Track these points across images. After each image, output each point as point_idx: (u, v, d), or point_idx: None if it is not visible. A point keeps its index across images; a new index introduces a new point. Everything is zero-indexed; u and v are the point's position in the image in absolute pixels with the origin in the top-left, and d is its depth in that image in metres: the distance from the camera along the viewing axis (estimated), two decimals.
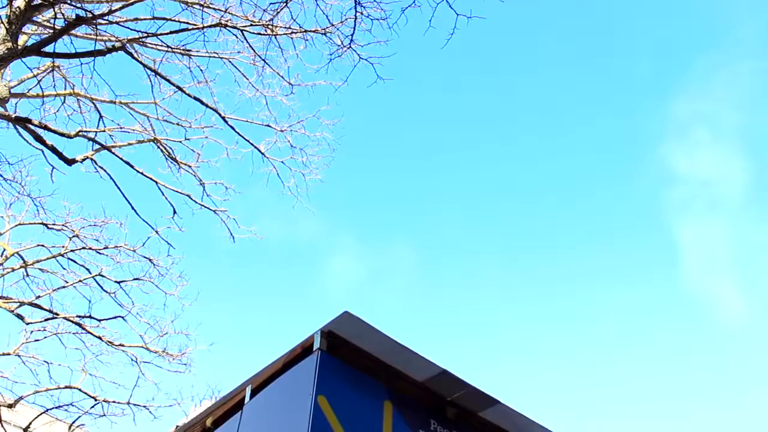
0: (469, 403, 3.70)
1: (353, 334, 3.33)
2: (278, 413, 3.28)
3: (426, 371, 3.49)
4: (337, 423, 3.04)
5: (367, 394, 3.30)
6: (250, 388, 3.67)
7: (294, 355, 3.42)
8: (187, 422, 4.29)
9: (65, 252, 11.51)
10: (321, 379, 3.10)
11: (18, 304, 11.03)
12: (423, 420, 3.48)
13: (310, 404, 3.00)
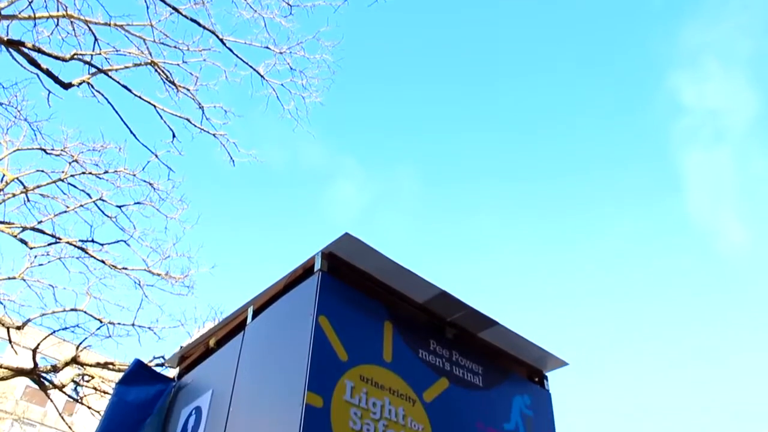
0: (468, 323, 3.76)
1: (354, 256, 3.36)
2: (280, 333, 3.34)
3: (426, 292, 3.54)
4: (338, 342, 3.09)
5: (368, 314, 3.34)
6: (251, 309, 3.72)
7: (295, 276, 3.45)
8: (191, 343, 4.37)
9: (65, 177, 11.51)
10: (322, 299, 3.13)
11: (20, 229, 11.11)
12: (423, 340, 3.54)
13: (311, 324, 3.05)
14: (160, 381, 4.21)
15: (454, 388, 3.52)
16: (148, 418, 3.93)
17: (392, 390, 3.20)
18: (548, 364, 4.21)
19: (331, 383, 2.96)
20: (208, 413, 3.60)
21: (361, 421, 2.98)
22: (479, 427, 3.52)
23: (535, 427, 3.89)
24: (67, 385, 11.70)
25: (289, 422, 2.83)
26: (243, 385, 3.42)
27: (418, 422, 3.22)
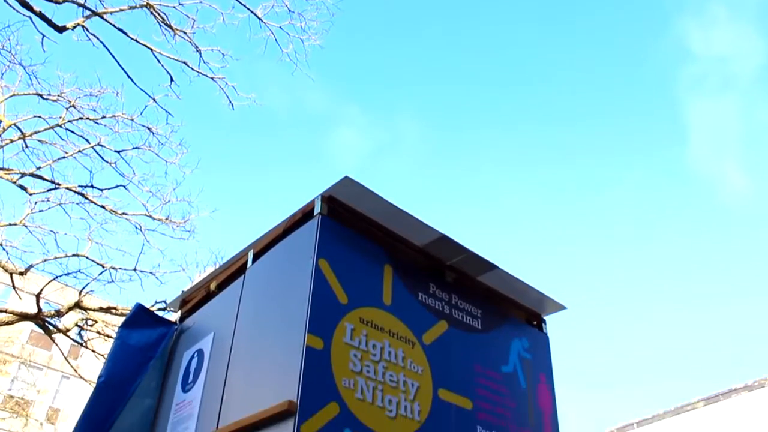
0: (467, 267, 3.78)
1: (354, 199, 3.35)
2: (280, 276, 3.36)
3: (425, 236, 3.54)
4: (338, 285, 3.11)
5: (368, 257, 3.35)
6: (251, 252, 3.73)
7: (295, 219, 3.45)
8: (192, 286, 4.40)
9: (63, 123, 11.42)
10: (322, 242, 3.14)
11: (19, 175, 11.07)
12: (422, 283, 3.56)
13: (311, 267, 3.06)
14: (162, 324, 4.26)
15: (453, 331, 3.56)
16: (151, 361, 3.99)
17: (392, 332, 3.23)
18: (546, 308, 4.25)
19: (331, 325, 2.99)
20: (210, 355, 3.65)
21: (361, 363, 3.02)
22: (478, 369, 3.57)
23: (533, 369, 3.95)
24: (71, 329, 11.85)
25: (289, 364, 2.87)
26: (244, 328, 3.46)
27: (417, 364, 3.26)
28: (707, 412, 17.76)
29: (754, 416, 16.71)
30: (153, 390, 4.02)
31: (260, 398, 2.93)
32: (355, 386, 2.93)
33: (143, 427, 3.91)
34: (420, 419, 3.11)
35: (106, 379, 3.87)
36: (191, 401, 3.60)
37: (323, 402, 2.79)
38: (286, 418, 2.72)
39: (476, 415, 3.39)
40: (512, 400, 3.67)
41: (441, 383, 3.31)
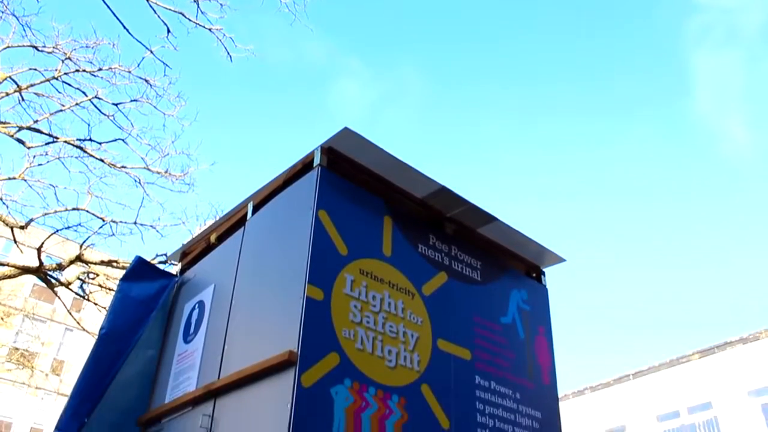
0: (467, 219, 3.77)
1: (353, 151, 3.33)
2: (280, 228, 3.35)
3: (425, 188, 3.53)
4: (338, 236, 3.10)
5: (367, 209, 3.34)
6: (251, 204, 3.72)
7: (294, 171, 3.43)
8: (192, 239, 4.40)
9: (59, 75, 11.29)
10: (321, 194, 3.13)
11: (17, 128, 11.00)
12: (422, 235, 3.56)
13: (310, 218, 3.06)
14: (163, 277, 4.28)
15: (452, 282, 3.57)
16: (152, 313, 4.01)
17: (392, 283, 3.25)
18: (546, 260, 4.26)
19: (331, 276, 3.00)
20: (211, 307, 3.67)
21: (361, 314, 3.04)
22: (477, 320, 3.59)
23: (532, 321, 3.98)
24: (72, 282, 11.92)
25: (290, 315, 2.88)
26: (244, 279, 3.47)
27: (417, 315, 3.28)
28: (702, 364, 18.00)
29: (749, 368, 16.94)
30: (154, 341, 4.06)
31: (261, 348, 2.95)
32: (355, 337, 2.96)
33: (145, 377, 3.95)
34: (419, 369, 3.15)
35: (108, 331, 3.90)
36: (193, 352, 3.64)
37: (323, 352, 2.81)
38: (287, 368, 2.75)
39: (475, 366, 3.43)
40: (511, 351, 3.71)
41: (440, 334, 3.34)
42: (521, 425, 3.54)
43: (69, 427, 3.58)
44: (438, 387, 3.18)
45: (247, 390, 3.00)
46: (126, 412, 3.84)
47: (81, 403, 3.65)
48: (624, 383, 19.71)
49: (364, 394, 2.86)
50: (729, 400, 17.02)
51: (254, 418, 2.88)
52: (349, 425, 2.76)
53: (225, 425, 3.07)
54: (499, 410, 3.45)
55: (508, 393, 3.55)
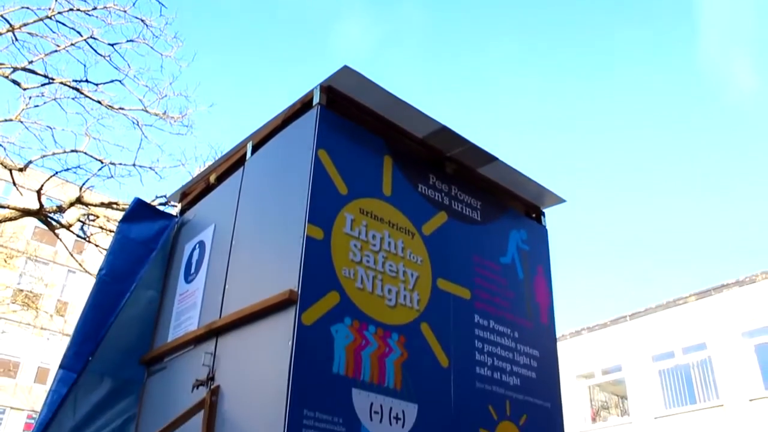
0: (467, 159, 3.75)
1: (353, 90, 3.28)
2: (279, 167, 3.33)
3: (426, 127, 3.49)
4: (338, 176, 3.09)
5: (367, 148, 3.32)
6: (251, 144, 3.69)
7: (293, 110, 3.39)
8: (192, 179, 4.38)
9: (52, 14, 11.07)
10: (321, 133, 3.10)
11: (11, 69, 10.85)
12: (422, 174, 3.54)
13: (310, 158, 3.03)
14: (163, 218, 4.27)
15: (452, 222, 3.57)
16: (152, 253, 4.02)
17: (391, 223, 3.24)
18: (546, 201, 4.25)
19: (331, 216, 2.99)
20: (211, 247, 3.68)
21: (360, 253, 3.04)
22: (476, 260, 3.60)
23: (531, 261, 3.99)
24: (73, 224, 11.95)
25: (290, 254, 2.89)
26: (244, 219, 3.47)
27: (416, 255, 3.29)
28: (698, 306, 18.20)
29: (743, 310, 17.14)
30: (155, 281, 4.08)
31: (261, 288, 2.97)
32: (355, 276, 2.97)
33: (147, 317, 3.99)
34: (419, 308, 3.17)
35: (108, 272, 3.92)
36: (194, 292, 3.66)
37: (323, 291, 2.83)
38: (287, 306, 2.77)
39: (474, 305, 3.46)
40: (510, 290, 3.73)
41: (440, 273, 3.35)
42: (519, 363, 3.59)
43: (73, 365, 3.64)
44: (437, 326, 3.21)
45: (248, 328, 3.03)
46: (129, 351, 3.89)
47: (84, 342, 3.70)
48: (620, 324, 19.97)
49: (364, 332, 2.89)
50: (723, 341, 17.28)
51: (255, 356, 2.91)
52: (349, 363, 2.79)
53: (227, 363, 3.11)
54: (498, 349, 3.49)
55: (507, 332, 3.59)
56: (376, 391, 2.83)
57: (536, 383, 3.63)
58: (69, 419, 3.64)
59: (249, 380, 2.89)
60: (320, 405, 2.63)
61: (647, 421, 18.30)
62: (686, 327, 18.33)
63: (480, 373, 3.33)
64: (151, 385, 3.78)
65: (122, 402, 3.90)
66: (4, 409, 30.56)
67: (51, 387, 3.62)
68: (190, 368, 3.34)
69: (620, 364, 19.81)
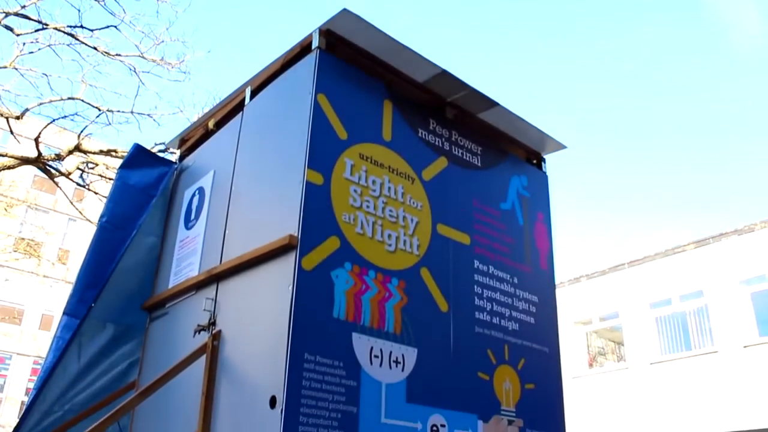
0: (468, 104, 3.71)
1: (352, 33, 3.22)
2: (278, 112, 3.30)
3: (426, 71, 3.44)
4: (337, 120, 3.06)
5: (367, 93, 3.28)
6: (249, 89, 3.65)
7: (292, 54, 3.34)
8: (190, 125, 4.34)
9: None
10: (320, 77, 3.05)
11: (4, 14, 10.67)
12: (422, 119, 3.51)
13: (309, 102, 3.00)
14: (162, 164, 4.25)
15: (452, 168, 3.55)
16: (152, 200, 4.02)
17: (391, 168, 3.23)
18: (546, 147, 4.22)
19: (330, 161, 2.98)
20: (211, 193, 3.67)
21: (360, 199, 3.04)
22: (476, 205, 3.60)
23: (531, 207, 3.99)
24: (72, 172, 11.91)
25: (289, 199, 2.88)
26: (244, 165, 3.45)
27: (416, 200, 3.28)
28: (696, 254, 18.28)
29: (741, 259, 17.23)
30: (155, 228, 4.08)
31: (262, 233, 2.97)
32: (355, 221, 2.97)
33: (148, 264, 4.01)
34: (419, 253, 3.18)
35: (108, 219, 3.92)
36: (194, 238, 3.67)
37: (323, 236, 2.83)
38: (288, 251, 2.78)
39: (473, 250, 3.47)
40: (509, 236, 3.74)
41: (440, 219, 3.35)
42: (518, 309, 3.62)
43: (77, 311, 3.67)
44: (437, 271, 3.23)
45: (248, 274, 3.04)
46: (131, 297, 3.92)
47: (86, 289, 3.72)
48: (619, 272, 20.10)
49: (364, 277, 2.91)
50: (720, 288, 17.42)
51: (256, 301, 2.93)
52: (349, 307, 2.81)
53: (228, 308, 3.14)
54: (497, 294, 3.51)
55: (506, 277, 3.61)
56: (376, 336, 2.86)
57: (535, 328, 3.67)
58: (74, 364, 3.69)
59: (250, 325, 2.92)
60: (321, 349, 2.66)
61: (643, 366, 18.60)
62: (684, 275, 18.47)
63: (479, 317, 3.36)
64: (153, 330, 3.82)
65: (125, 347, 3.95)
66: (11, 355, 31.04)
67: (56, 333, 3.67)
68: (192, 314, 3.37)
69: (618, 311, 20.02)
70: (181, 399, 3.20)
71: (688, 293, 18.33)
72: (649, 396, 17.94)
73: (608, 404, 18.93)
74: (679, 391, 17.30)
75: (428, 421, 2.94)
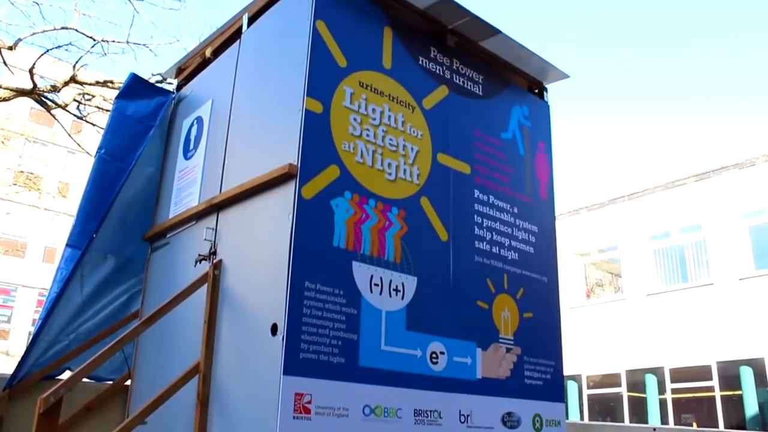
0: (470, 31, 3.63)
1: None
2: (276, 40, 3.23)
3: None
4: (337, 48, 3.00)
5: (366, 20, 3.20)
6: (246, 16, 3.57)
7: None
8: (187, 54, 4.27)
9: None
10: (319, 3, 2.98)
11: None
12: (423, 47, 3.44)
13: (308, 29, 2.93)
14: (159, 93, 4.20)
15: (453, 96, 3.50)
16: (150, 130, 3.98)
17: (392, 96, 3.18)
18: (549, 76, 4.16)
19: (330, 89, 2.93)
20: (209, 122, 3.64)
21: (360, 127, 3.00)
22: (477, 134, 3.57)
23: (532, 137, 3.95)
24: (69, 104, 11.78)
25: (289, 128, 2.85)
26: (242, 93, 3.40)
27: (417, 129, 3.25)
28: (697, 187, 18.28)
29: (741, 192, 17.23)
30: (154, 159, 4.07)
31: (261, 162, 2.95)
32: (354, 150, 2.95)
33: (148, 195, 4.01)
34: (419, 182, 3.17)
35: (107, 151, 3.90)
36: (194, 168, 3.66)
37: (323, 165, 2.81)
38: (287, 180, 2.77)
39: (474, 180, 3.46)
40: (510, 166, 3.72)
41: (440, 148, 3.33)
42: (518, 238, 3.63)
43: (78, 242, 3.69)
44: (437, 200, 3.23)
45: (248, 203, 3.04)
46: (132, 228, 3.94)
47: (87, 221, 3.73)
48: (618, 204, 20.14)
49: (364, 206, 2.91)
50: (719, 222, 17.48)
51: (256, 230, 2.94)
52: (349, 236, 2.82)
53: (228, 238, 3.15)
54: (497, 224, 3.52)
55: (506, 207, 3.61)
56: (376, 264, 2.88)
57: (534, 258, 3.69)
58: (77, 295, 3.73)
59: (251, 254, 2.94)
60: (321, 277, 2.68)
61: (640, 298, 18.85)
62: (683, 208, 18.52)
63: (479, 247, 3.37)
64: (155, 261, 3.85)
65: (127, 278, 3.99)
66: (16, 287, 31.44)
67: (59, 264, 3.70)
68: (193, 243, 3.39)
69: (616, 243, 20.16)
70: (184, 328, 3.25)
71: (687, 226, 18.42)
72: (645, 327, 18.25)
73: (605, 335, 19.28)
74: (674, 322, 17.59)
75: (428, 349, 2.99)
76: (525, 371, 3.44)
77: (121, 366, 3.85)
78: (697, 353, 17.02)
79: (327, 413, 2.57)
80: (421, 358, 2.96)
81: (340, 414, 2.61)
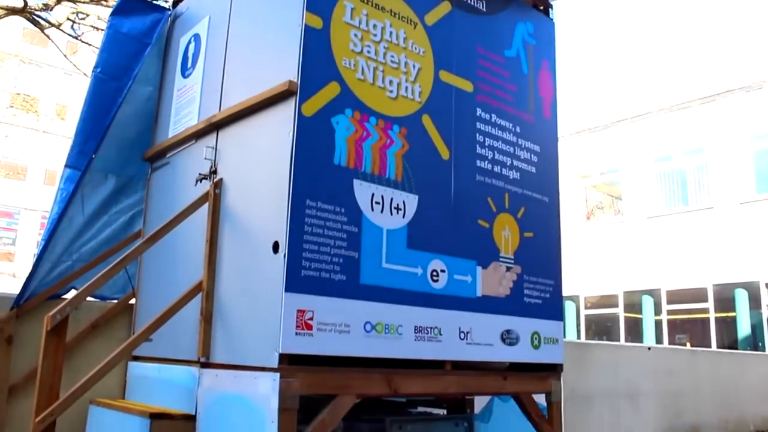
0: None
1: None
2: None
3: None
4: None
5: None
6: None
7: None
8: None
9: None
10: None
11: None
12: None
13: None
14: (155, 11, 4.09)
15: (456, 12, 3.41)
16: (147, 49, 3.90)
17: (393, 12, 3.10)
18: None
19: (330, 4, 2.85)
20: (207, 39, 3.56)
21: (361, 44, 2.94)
22: (480, 52, 3.49)
23: (536, 55, 3.87)
24: (63, 24, 11.51)
25: (288, 44, 2.79)
26: (240, 9, 3.32)
27: (419, 45, 3.18)
28: (702, 110, 18.07)
29: (747, 116, 17.05)
30: (152, 77, 4.00)
31: (260, 80, 2.90)
32: (355, 66, 2.89)
33: (146, 114, 3.96)
34: (420, 100, 3.13)
35: (103, 69, 3.83)
36: (192, 86, 3.60)
37: (324, 81, 2.77)
38: (287, 98, 2.73)
39: (476, 98, 3.40)
40: (513, 84, 3.66)
41: (442, 65, 3.26)
42: (520, 158, 3.61)
43: (78, 163, 3.67)
44: (439, 118, 3.19)
45: (248, 121, 3.01)
46: (131, 147, 3.91)
47: (86, 141, 3.70)
48: (621, 125, 19.97)
49: (365, 123, 2.87)
50: (722, 145, 17.37)
51: (256, 148, 2.92)
52: (350, 154, 2.80)
53: (228, 156, 3.13)
54: (499, 143, 3.49)
55: (509, 126, 3.57)
56: (377, 182, 2.87)
57: (535, 178, 3.68)
58: (78, 215, 3.74)
59: (251, 172, 2.93)
60: (322, 195, 2.68)
61: (640, 220, 18.95)
62: (687, 131, 18.37)
63: (480, 166, 3.36)
64: (156, 180, 3.84)
65: (128, 198, 3.99)
66: (19, 210, 31.63)
67: (59, 185, 3.68)
68: (193, 163, 3.37)
69: (618, 166, 20.11)
70: (187, 246, 3.27)
71: (691, 150, 18.32)
72: (644, 249, 18.42)
73: (603, 257, 19.48)
74: (673, 245, 17.74)
75: (428, 267, 3.02)
76: (524, 290, 3.49)
77: (125, 285, 3.90)
78: (693, 276, 17.23)
79: (329, 329, 2.61)
80: (422, 275, 2.99)
81: (342, 330, 2.65)
